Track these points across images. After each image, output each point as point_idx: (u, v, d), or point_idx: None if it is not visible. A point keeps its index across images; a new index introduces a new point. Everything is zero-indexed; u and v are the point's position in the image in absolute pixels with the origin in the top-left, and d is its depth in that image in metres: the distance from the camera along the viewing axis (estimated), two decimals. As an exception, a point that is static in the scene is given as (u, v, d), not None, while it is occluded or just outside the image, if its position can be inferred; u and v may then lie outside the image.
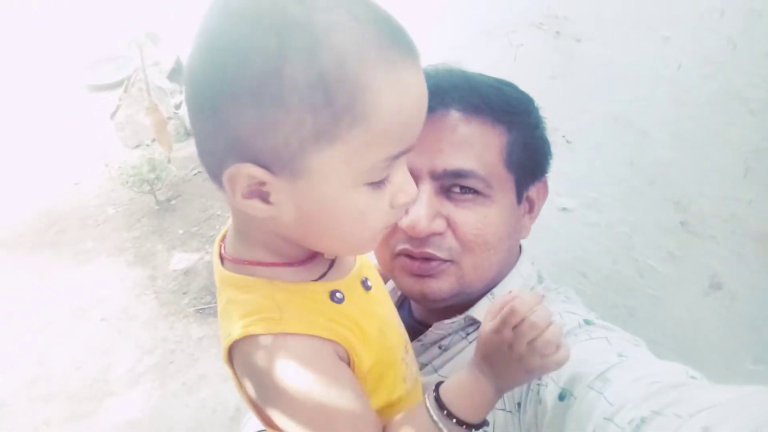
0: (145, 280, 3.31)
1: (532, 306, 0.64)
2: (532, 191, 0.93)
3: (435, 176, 0.84)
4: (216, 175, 0.57)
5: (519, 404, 0.78)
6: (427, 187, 0.83)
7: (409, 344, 0.78)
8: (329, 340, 0.61)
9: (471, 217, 0.84)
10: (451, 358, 0.89)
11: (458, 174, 0.83)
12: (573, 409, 0.64)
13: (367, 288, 0.70)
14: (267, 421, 0.66)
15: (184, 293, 3.18)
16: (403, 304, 1.03)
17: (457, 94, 0.85)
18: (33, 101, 5.38)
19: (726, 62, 0.89)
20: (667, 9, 0.94)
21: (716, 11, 0.87)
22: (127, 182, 3.71)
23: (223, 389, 2.60)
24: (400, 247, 0.86)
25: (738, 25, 0.86)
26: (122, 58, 5.37)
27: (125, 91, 4.48)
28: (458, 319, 0.89)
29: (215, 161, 0.56)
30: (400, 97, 0.53)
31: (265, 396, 0.61)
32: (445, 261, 0.85)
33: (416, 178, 0.82)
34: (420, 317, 1.00)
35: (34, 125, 5.00)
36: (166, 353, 2.82)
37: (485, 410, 0.66)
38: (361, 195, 0.57)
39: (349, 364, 0.64)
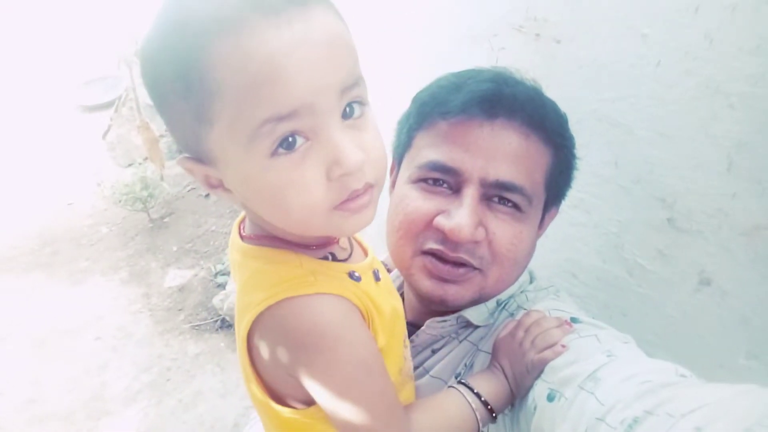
0: (139, 298, 3.30)
1: (544, 314, 0.79)
2: (549, 214, 0.94)
3: (484, 183, 0.83)
4: None
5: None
6: (473, 193, 0.82)
7: (407, 340, 0.80)
8: (357, 307, 0.64)
9: (508, 230, 0.84)
10: (442, 359, 0.90)
11: (508, 187, 0.82)
12: (564, 409, 0.64)
13: (377, 279, 0.72)
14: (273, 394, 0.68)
15: (179, 310, 3.17)
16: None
17: (523, 106, 0.84)
18: (24, 123, 5.39)
19: (704, 57, 0.90)
20: (644, 6, 0.95)
21: (691, 7, 0.88)
22: (120, 201, 3.71)
23: (221, 405, 2.58)
24: (431, 246, 0.84)
25: (713, 19, 0.86)
26: (112, 78, 5.40)
27: (116, 110, 4.49)
28: (451, 319, 0.89)
29: None
30: (244, 61, 0.49)
31: (303, 356, 0.61)
32: (474, 269, 0.85)
33: (465, 180, 0.83)
34: (412, 318, 0.99)
35: (26, 146, 5.01)
36: (163, 371, 2.80)
37: (503, 401, 0.75)
38: (274, 170, 0.53)
39: None
